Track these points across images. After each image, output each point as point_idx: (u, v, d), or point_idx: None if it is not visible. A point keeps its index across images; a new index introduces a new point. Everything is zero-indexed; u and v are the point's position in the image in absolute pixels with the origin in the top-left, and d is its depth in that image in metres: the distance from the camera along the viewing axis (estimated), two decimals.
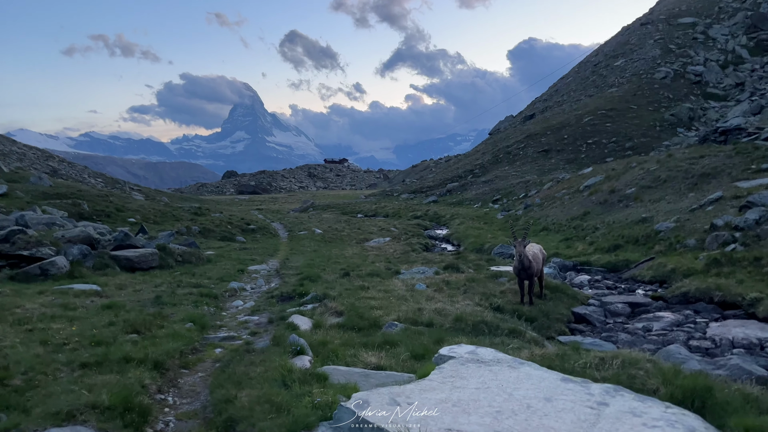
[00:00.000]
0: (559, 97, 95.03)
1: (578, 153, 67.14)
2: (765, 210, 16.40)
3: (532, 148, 70.85)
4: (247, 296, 10.97)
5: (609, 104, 76.83)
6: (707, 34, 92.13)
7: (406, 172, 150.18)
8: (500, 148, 75.83)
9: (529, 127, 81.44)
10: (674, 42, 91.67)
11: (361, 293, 11.18)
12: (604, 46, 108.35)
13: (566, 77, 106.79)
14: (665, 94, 79.02)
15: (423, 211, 49.92)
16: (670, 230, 19.45)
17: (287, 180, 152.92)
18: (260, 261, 18.11)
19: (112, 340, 6.64)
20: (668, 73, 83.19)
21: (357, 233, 30.80)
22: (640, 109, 75.31)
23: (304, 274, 13.22)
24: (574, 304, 11.80)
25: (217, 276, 12.88)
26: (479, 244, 25.76)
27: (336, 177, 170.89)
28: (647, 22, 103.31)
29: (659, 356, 7.09)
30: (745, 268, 13.51)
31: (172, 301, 9.47)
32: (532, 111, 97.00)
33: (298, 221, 34.92)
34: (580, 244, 22.59)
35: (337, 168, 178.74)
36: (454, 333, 7.83)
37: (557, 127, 73.76)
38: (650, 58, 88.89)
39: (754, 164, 23.07)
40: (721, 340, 9.10)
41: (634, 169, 29.99)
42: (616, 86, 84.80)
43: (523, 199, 47.60)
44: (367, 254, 22.43)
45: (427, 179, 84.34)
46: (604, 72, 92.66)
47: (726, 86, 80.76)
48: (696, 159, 26.17)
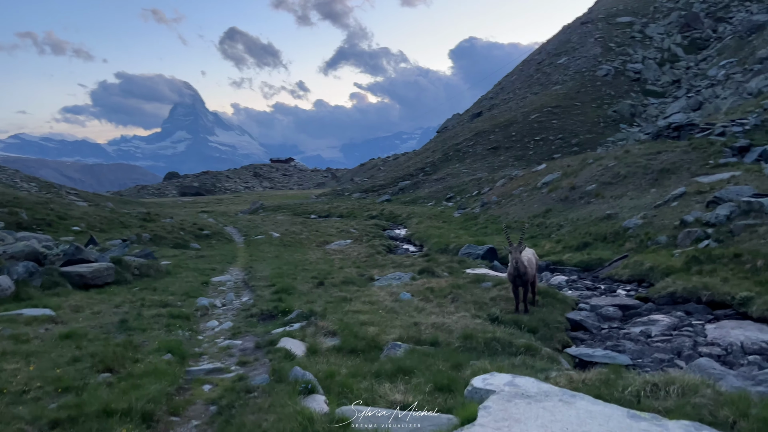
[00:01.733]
0: (505, 95, 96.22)
1: (526, 150, 67.98)
2: (734, 206, 16.48)
3: (481, 146, 71.30)
4: (221, 315, 9.95)
5: (554, 101, 78.20)
6: (644, 32, 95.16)
7: (355, 171, 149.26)
8: (450, 146, 76.01)
9: (477, 124, 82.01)
10: (614, 40, 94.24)
11: (346, 306, 10.37)
12: (547, 44, 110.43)
13: (511, 75, 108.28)
14: (607, 91, 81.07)
15: (378, 211, 49.26)
16: (639, 227, 19.42)
17: (232, 180, 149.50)
18: (221, 270, 16.97)
19: (82, 383, 5.61)
20: (609, 71, 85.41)
21: (316, 236, 29.83)
22: (584, 105, 76.96)
23: (277, 286, 12.27)
24: (565, 310, 11.33)
25: (182, 291, 11.76)
26: (443, 245, 25.26)
27: (283, 177, 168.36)
28: (587, 21, 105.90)
29: (692, 371, 6.60)
30: (727, 266, 13.41)
31: (140, 325, 8.39)
32: (480, 109, 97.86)
33: (253, 224, 33.60)
34: (546, 243, 22.38)
35: (284, 167, 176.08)
36: (467, 354, 7.14)
37: (505, 124, 74.52)
38: (591, 56, 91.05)
39: (712, 159, 23.45)
40: (732, 345, 8.76)
41: (592, 166, 30.18)
42: (560, 84, 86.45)
43: (476, 196, 47.62)
44: (332, 258, 21.56)
45: (378, 178, 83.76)
46: (548, 70, 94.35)
47: (664, 83, 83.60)
48: (654, 155, 26.47)
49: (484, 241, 23.95)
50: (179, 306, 10.15)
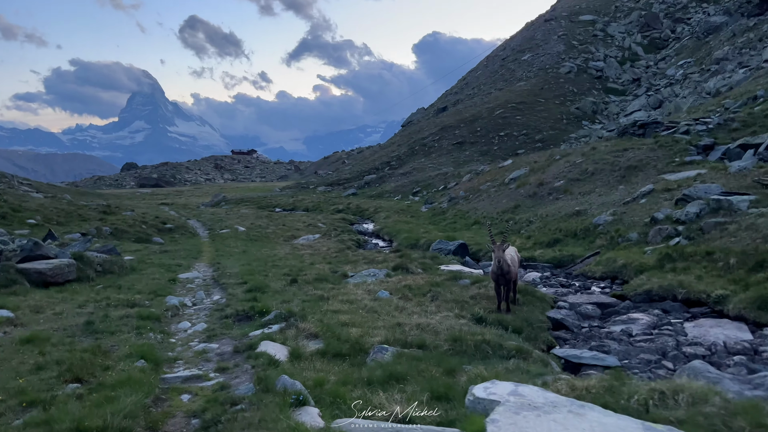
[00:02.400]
0: (470, 90, 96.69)
1: (491, 145, 68.46)
2: (704, 203, 16.69)
3: (447, 141, 71.47)
4: (193, 315, 9.46)
5: (518, 97, 78.93)
6: (606, 31, 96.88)
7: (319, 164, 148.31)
8: (416, 140, 75.97)
9: (443, 119, 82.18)
10: (576, 38, 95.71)
11: (324, 305, 10.01)
12: (511, 40, 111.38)
13: (475, 70, 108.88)
14: (570, 88, 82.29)
15: (344, 205, 48.81)
16: (609, 224, 19.56)
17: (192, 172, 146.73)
18: (188, 266, 16.36)
19: (50, 395, 5.12)
20: (572, 68, 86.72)
21: (283, 230, 29.26)
22: (547, 102, 77.93)
23: (249, 283, 11.80)
24: (545, 308, 11.21)
25: (149, 289, 11.19)
26: (413, 240, 25.07)
27: (245, 169, 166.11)
28: (551, 18, 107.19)
29: (686, 375, 6.49)
30: (699, 263, 13.52)
31: (107, 327, 7.86)
32: (445, 103, 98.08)
33: (217, 218, 32.78)
34: (517, 238, 22.39)
35: (246, 159, 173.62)
36: (458, 357, 6.88)
37: (470, 119, 74.87)
38: (555, 53, 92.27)
39: (678, 157, 23.83)
40: (715, 345, 8.75)
41: (559, 162, 30.41)
42: (524, 80, 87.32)
43: (443, 191, 47.65)
44: (301, 254, 21.11)
45: (343, 171, 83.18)
46: (512, 66, 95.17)
47: (624, 81, 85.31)
48: (620, 152, 26.78)
49: (454, 236, 23.83)
50: (148, 306, 9.61)
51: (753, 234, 13.90)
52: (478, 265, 19.75)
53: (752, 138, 22.58)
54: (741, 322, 10.35)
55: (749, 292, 10.97)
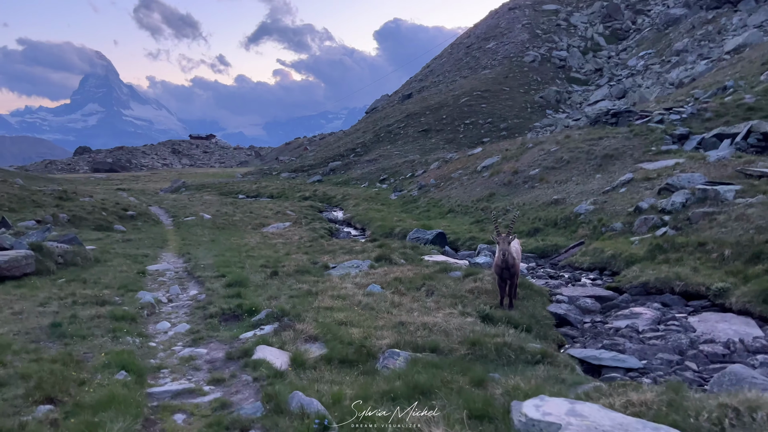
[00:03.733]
0: (435, 78, 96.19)
1: (457, 133, 68.14)
2: (689, 193, 16.47)
3: (412, 128, 70.85)
4: (171, 313, 8.53)
5: (483, 85, 78.80)
6: (569, 21, 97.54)
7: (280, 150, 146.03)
8: (381, 127, 75.11)
9: (408, 106, 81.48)
10: (540, 27, 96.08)
11: (314, 302, 9.22)
12: (476, 28, 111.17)
13: (440, 57, 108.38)
14: (534, 77, 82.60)
15: (311, 192, 47.75)
16: (591, 213, 19.24)
17: (149, 157, 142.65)
18: (154, 256, 15.29)
19: (17, 422, 4.23)
20: (536, 57, 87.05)
21: (251, 218, 28.18)
22: (512, 91, 78.03)
23: (228, 277, 10.89)
24: (544, 302, 10.68)
25: (118, 283, 10.17)
26: (388, 229, 24.38)
27: (203, 154, 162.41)
28: (515, 6, 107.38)
29: (728, 380, 5.99)
30: (693, 255, 13.23)
31: (77, 330, 6.89)
32: (410, 90, 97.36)
33: (180, 204, 31.38)
34: None
35: (204, 144, 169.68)
36: (481, 364, 6.21)
37: (436, 107, 74.38)
38: (519, 42, 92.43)
39: (654, 146, 23.73)
40: (732, 343, 8.33)
41: (533, 150, 30.10)
42: (489, 68, 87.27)
43: (410, 178, 47.06)
44: (274, 243, 20.19)
45: (307, 158, 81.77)
46: (477, 54, 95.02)
47: (587, 71, 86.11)
48: (595, 140, 26.59)
49: (429, 225, 23.23)
50: (119, 303, 8.63)
51: (744, 225, 13.67)
52: (457, 254, 19.22)
53: (728, 128, 22.61)
54: (746, 316, 10.02)
55: (752, 285, 10.66)
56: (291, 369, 5.85)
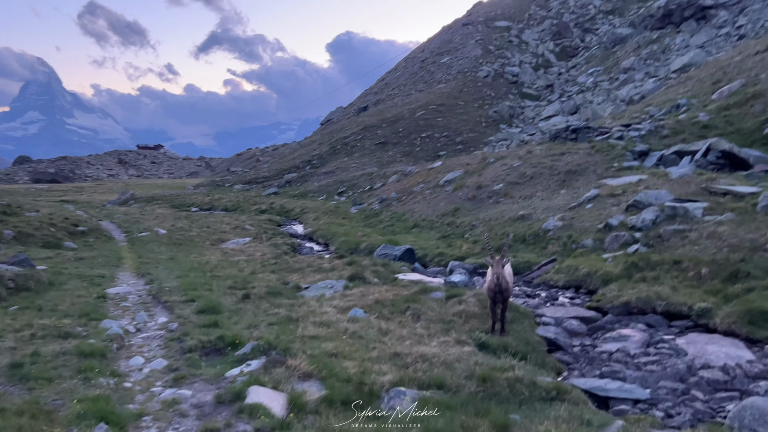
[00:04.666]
0: (390, 90, 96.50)
1: (413, 146, 68.37)
2: (658, 210, 16.60)
3: (369, 140, 70.64)
4: (143, 346, 7.75)
5: (439, 99, 79.42)
6: (521, 38, 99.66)
7: (231, 161, 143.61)
8: (337, 139, 74.61)
9: (364, 119, 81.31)
10: (493, 43, 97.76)
11: (297, 330, 8.62)
12: (429, 43, 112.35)
13: (395, 71, 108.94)
14: (488, 92, 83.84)
15: (267, 205, 46.73)
16: (560, 229, 19.22)
17: (94, 167, 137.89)
18: (111, 277, 14.30)
19: None
20: (489, 72, 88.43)
21: (208, 233, 27.13)
22: (466, 105, 78.93)
23: (199, 302, 10.11)
24: (531, 325, 10.37)
25: (77, 310, 9.26)
26: (353, 244, 23.82)
27: (151, 164, 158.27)
28: (468, 23, 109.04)
29: (750, 414, 5.74)
30: (669, 273, 13.22)
31: (42, 371, 6.08)
32: (365, 103, 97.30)
33: (132, 219, 29.97)
34: (462, 243, 21.71)
35: (152, 155, 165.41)
36: (496, 404, 5.76)
37: (392, 120, 74.45)
38: (473, 57, 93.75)
39: (616, 162, 24.06)
40: (731, 369, 8.17)
41: (495, 165, 30.17)
42: (443, 82, 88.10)
43: (369, 191, 46.67)
44: (236, 260, 19.36)
45: (261, 169, 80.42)
46: (431, 68, 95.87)
47: (538, 87, 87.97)
48: (558, 156, 26.82)
49: (395, 240, 22.81)
50: (84, 335, 7.80)
51: (717, 242, 13.80)
52: (427, 271, 18.87)
53: (687, 145, 23.13)
54: (733, 337, 9.95)
55: (735, 306, 10.63)
56: (293, 415, 5.27)
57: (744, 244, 13.20)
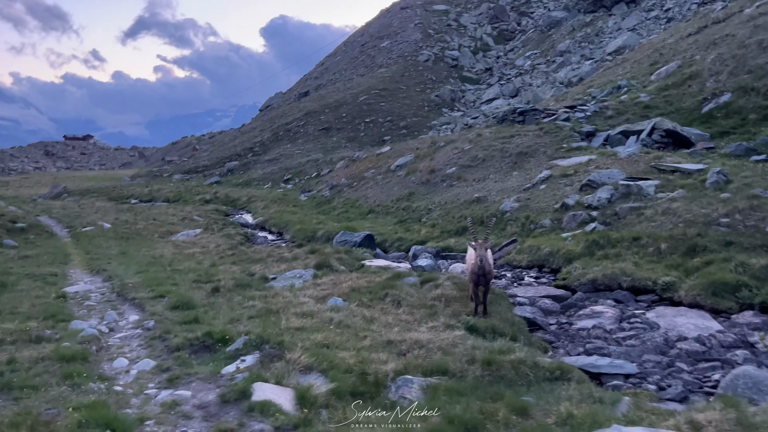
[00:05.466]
0: (331, 75, 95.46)
1: (358, 132, 68.05)
2: (612, 189, 17.10)
3: (312, 126, 69.79)
4: (124, 347, 7.32)
5: (381, 84, 79.16)
6: (459, 21, 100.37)
7: (166, 150, 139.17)
8: (279, 126, 73.35)
9: (306, 104, 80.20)
10: (432, 27, 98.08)
11: (281, 321, 8.38)
12: (368, 26, 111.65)
13: (334, 55, 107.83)
14: (429, 76, 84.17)
15: (211, 194, 45.54)
16: (516, 210, 19.53)
17: (18, 160, 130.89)
18: (63, 275, 13.55)
19: None
20: (430, 57, 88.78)
21: (155, 225, 26.16)
22: (409, 89, 79.02)
23: (170, 298, 9.66)
24: (509, 306, 10.49)
25: (41, 312, 8.65)
26: (309, 232, 23.51)
27: (81, 156, 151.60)
28: (406, 6, 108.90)
29: (743, 383, 5.96)
30: (630, 249, 13.65)
31: (25, 379, 5.60)
32: (306, 88, 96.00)
33: (72, 213, 28.52)
34: (420, 227, 21.78)
35: (82, 145, 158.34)
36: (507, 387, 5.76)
37: (335, 105, 73.75)
38: (413, 41, 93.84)
39: (565, 143, 24.62)
40: (707, 339, 8.50)
41: (445, 148, 30.35)
42: (385, 67, 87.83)
43: (316, 178, 46.18)
44: (191, 253, 18.74)
45: (201, 158, 78.22)
46: (372, 52, 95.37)
47: (478, 71, 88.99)
48: (507, 138, 27.20)
49: (352, 227, 22.66)
50: (57, 338, 7.30)
51: (673, 219, 14.33)
52: (389, 256, 18.84)
53: (632, 125, 23.91)
54: (698, 309, 10.37)
55: (697, 279, 11.09)
56: (306, 410, 5.08)
57: (698, 219, 13.77)
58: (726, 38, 28.09)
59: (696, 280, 11.07)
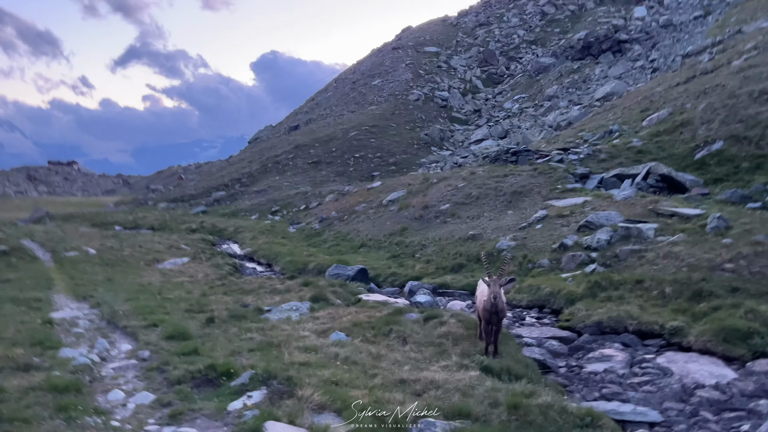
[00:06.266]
0: (322, 110, 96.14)
1: (347, 166, 68.17)
2: (611, 230, 16.98)
3: (301, 159, 69.79)
4: (117, 377, 6.82)
5: (371, 121, 79.74)
6: (449, 63, 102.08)
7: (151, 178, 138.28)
8: (268, 158, 73.23)
9: (296, 137, 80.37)
10: (423, 68, 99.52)
11: (283, 356, 7.95)
12: (360, 65, 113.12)
13: (325, 91, 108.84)
14: (419, 115, 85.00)
15: (197, 223, 44.83)
16: (513, 249, 19.31)
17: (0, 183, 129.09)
18: (48, 300, 12.96)
19: None
20: (420, 96, 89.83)
21: (142, 253, 25.51)
22: (399, 127, 79.62)
23: (165, 328, 9.17)
24: (517, 346, 10.13)
25: (27, 338, 8.12)
26: (300, 264, 23.03)
27: (64, 181, 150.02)
28: (398, 47, 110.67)
29: None
30: (633, 292, 13.43)
31: (15, 411, 5.10)
32: (296, 122, 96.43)
33: (56, 238, 27.76)
34: (414, 263, 21.44)
35: (66, 171, 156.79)
36: None
37: (325, 139, 73.98)
38: (404, 81, 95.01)
39: (560, 184, 24.63)
40: (726, 387, 8.21)
41: (438, 185, 30.28)
42: (375, 104, 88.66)
43: (305, 211, 45.82)
44: (180, 282, 18.23)
45: (187, 187, 77.60)
46: (363, 90, 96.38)
47: (467, 112, 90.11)
48: (501, 177, 27.22)
49: (345, 260, 22.24)
50: (46, 367, 6.80)
51: (676, 262, 14.18)
52: (383, 291, 18.44)
53: (627, 169, 24.04)
54: (709, 355, 10.10)
55: (707, 325, 10.84)
56: None
57: (702, 263, 13.63)
58: (716, 88, 28.63)
59: (705, 326, 10.82)
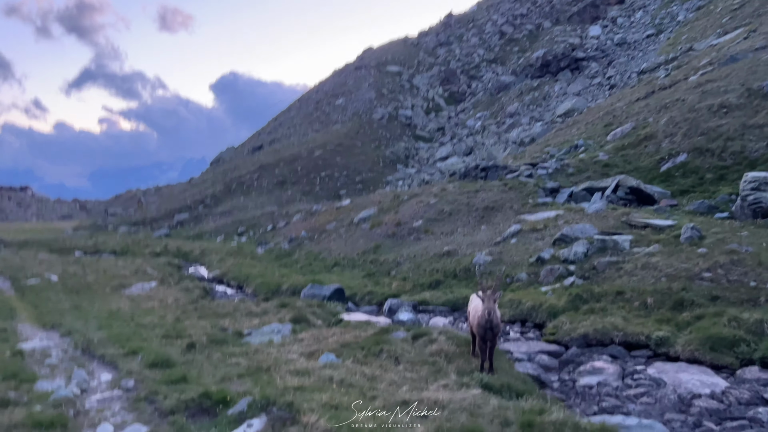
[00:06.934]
0: (285, 130, 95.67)
1: (313, 185, 67.85)
2: (588, 243, 17.11)
3: (267, 179, 69.12)
4: (103, 409, 6.36)
5: (336, 140, 79.72)
6: (412, 82, 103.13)
7: (109, 202, 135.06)
8: (232, 178, 72.28)
9: (260, 157, 79.64)
10: (386, 87, 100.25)
11: (275, 380, 7.61)
12: (323, 84, 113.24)
13: (289, 111, 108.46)
14: (384, 133, 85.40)
15: (161, 247, 43.66)
16: (490, 264, 19.28)
17: None
18: (13, 331, 12.29)
19: None
20: (384, 115, 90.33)
21: (107, 278, 24.60)
22: (364, 146, 79.80)
23: (146, 355, 8.71)
24: (508, 362, 9.99)
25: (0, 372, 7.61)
26: (273, 286, 22.54)
27: (17, 207, 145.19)
28: (360, 66, 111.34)
29: None
30: (615, 303, 13.48)
31: None
32: (260, 142, 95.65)
33: (15, 265, 26.63)
34: (391, 281, 21.19)
35: (18, 196, 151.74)
36: None
37: (290, 159, 73.54)
38: (367, 100, 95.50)
39: (531, 199, 24.84)
40: (723, 395, 8.20)
41: (410, 202, 30.23)
42: (339, 123, 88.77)
43: (272, 231, 45.17)
44: (150, 307, 17.56)
45: (149, 210, 75.83)
46: (327, 109, 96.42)
47: (430, 130, 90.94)
48: (473, 193, 27.32)
49: (319, 280, 21.87)
50: (25, 401, 6.32)
51: (654, 273, 14.32)
52: (360, 309, 18.17)
53: (596, 182, 24.41)
54: (698, 364, 10.13)
55: (692, 334, 10.92)
56: None
57: (680, 273, 13.79)
58: (677, 102, 29.49)
59: (691, 335, 10.89)
